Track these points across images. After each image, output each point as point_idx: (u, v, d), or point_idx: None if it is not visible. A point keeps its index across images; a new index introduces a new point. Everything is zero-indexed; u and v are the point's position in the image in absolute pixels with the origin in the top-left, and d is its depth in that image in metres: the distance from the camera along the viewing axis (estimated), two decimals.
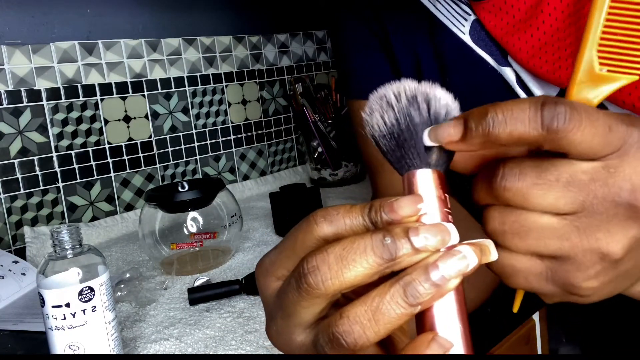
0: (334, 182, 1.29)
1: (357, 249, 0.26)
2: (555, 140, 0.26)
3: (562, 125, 0.25)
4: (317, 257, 0.27)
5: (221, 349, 0.57)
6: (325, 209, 0.28)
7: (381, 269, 0.26)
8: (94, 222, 1.06)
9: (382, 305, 0.26)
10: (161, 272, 0.82)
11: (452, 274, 0.26)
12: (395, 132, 0.29)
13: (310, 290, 0.27)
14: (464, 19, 0.53)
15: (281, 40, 1.43)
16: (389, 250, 0.26)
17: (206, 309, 0.67)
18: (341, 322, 0.26)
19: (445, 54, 0.56)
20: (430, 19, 0.56)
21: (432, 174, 0.29)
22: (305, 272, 0.27)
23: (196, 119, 1.25)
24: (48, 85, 1.02)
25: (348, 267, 0.26)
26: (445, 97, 0.29)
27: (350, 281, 0.26)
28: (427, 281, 0.25)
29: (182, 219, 0.81)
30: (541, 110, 0.25)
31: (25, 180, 0.99)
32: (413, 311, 0.26)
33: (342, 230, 0.28)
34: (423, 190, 0.28)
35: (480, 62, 0.53)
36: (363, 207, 0.28)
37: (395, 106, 0.29)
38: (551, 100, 0.26)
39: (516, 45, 0.49)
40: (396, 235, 0.26)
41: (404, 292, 0.26)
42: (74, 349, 0.50)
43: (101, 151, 1.10)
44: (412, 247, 0.26)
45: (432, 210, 0.28)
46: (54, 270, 0.51)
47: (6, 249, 0.96)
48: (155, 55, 1.18)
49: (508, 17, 0.49)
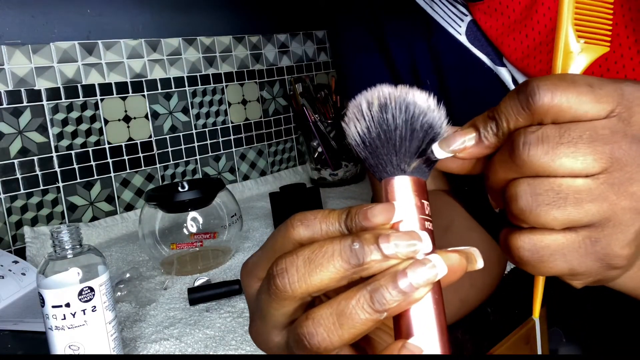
0: (334, 182, 1.29)
1: (325, 252, 0.26)
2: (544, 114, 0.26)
3: (538, 99, 0.26)
4: (287, 259, 0.27)
5: (221, 349, 0.57)
6: (303, 213, 0.29)
7: (348, 274, 0.26)
8: (94, 222, 1.06)
9: (347, 309, 0.26)
10: (161, 272, 0.82)
11: (421, 282, 0.26)
12: (367, 140, 0.29)
13: (278, 293, 0.27)
14: (460, 19, 0.53)
15: (281, 40, 1.43)
16: (356, 256, 0.26)
17: (206, 309, 0.67)
18: (306, 324, 0.26)
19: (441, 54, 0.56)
20: (426, 20, 0.56)
21: (408, 181, 0.28)
22: (273, 274, 0.27)
23: (196, 119, 1.25)
24: (48, 85, 1.02)
25: (315, 270, 0.26)
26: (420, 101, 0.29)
27: (317, 285, 0.26)
28: (394, 288, 0.25)
29: (182, 219, 0.81)
30: (517, 96, 0.27)
31: (25, 180, 0.99)
32: (378, 317, 0.26)
33: (318, 235, 0.28)
34: (399, 198, 0.28)
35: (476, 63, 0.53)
36: (340, 213, 0.28)
37: (366, 115, 0.29)
38: (524, 82, 0.27)
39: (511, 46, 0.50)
40: (365, 241, 0.26)
41: (371, 297, 0.25)
42: (74, 349, 0.50)
43: (101, 151, 1.10)
44: (381, 253, 0.26)
45: (408, 217, 0.28)
46: (54, 270, 0.51)
47: (6, 249, 0.96)
48: (155, 55, 1.18)
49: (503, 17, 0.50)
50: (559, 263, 0.28)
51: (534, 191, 0.27)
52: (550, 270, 0.28)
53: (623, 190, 0.26)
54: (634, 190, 0.26)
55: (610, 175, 0.26)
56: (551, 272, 0.29)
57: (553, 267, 0.28)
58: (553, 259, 0.28)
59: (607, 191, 0.26)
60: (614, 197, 0.26)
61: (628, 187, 0.26)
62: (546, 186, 0.27)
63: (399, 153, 0.28)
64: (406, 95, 0.29)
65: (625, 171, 0.26)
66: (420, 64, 0.58)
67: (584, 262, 0.28)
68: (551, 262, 0.28)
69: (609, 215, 0.27)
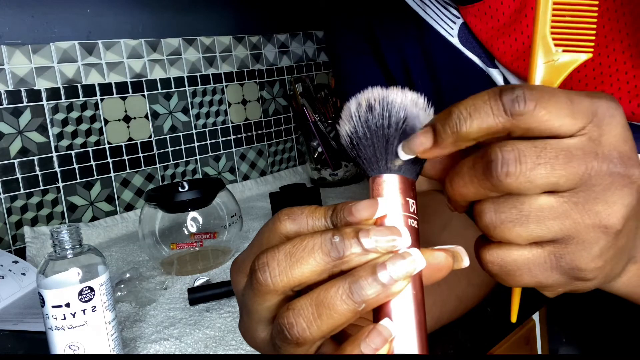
0: (334, 182, 1.29)
1: (306, 246, 0.27)
2: (522, 123, 0.26)
3: (522, 107, 0.26)
4: (268, 254, 0.27)
5: (221, 349, 0.57)
6: (290, 208, 0.29)
7: (329, 267, 0.27)
8: (94, 222, 1.06)
9: (326, 299, 0.26)
10: (161, 272, 0.82)
11: (400, 275, 0.26)
12: (354, 139, 0.30)
13: (259, 287, 0.28)
14: (453, 22, 0.54)
15: (281, 40, 1.43)
16: (336, 249, 0.26)
17: (206, 309, 0.67)
18: (286, 314, 0.27)
19: (434, 56, 0.56)
20: (419, 23, 0.56)
21: (393, 178, 0.29)
22: (255, 268, 0.28)
23: (196, 119, 1.25)
24: (48, 85, 1.02)
25: (296, 263, 0.27)
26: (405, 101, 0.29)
27: (298, 278, 0.27)
28: (373, 280, 0.26)
29: (182, 219, 0.81)
30: (500, 98, 0.26)
31: (25, 180, 0.99)
32: (357, 309, 0.26)
33: (304, 229, 0.28)
34: (384, 194, 0.29)
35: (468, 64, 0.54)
36: (327, 209, 0.29)
37: (354, 116, 0.30)
38: (508, 86, 0.26)
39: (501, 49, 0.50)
40: (345, 235, 0.27)
41: (350, 288, 0.26)
42: (74, 349, 0.50)
43: (101, 151, 1.10)
44: (361, 247, 0.26)
45: (391, 213, 0.28)
46: (54, 270, 0.51)
47: (6, 249, 0.96)
48: (155, 55, 1.18)
49: (493, 21, 0.50)
50: (525, 277, 0.28)
51: (497, 208, 0.27)
52: (518, 283, 0.29)
53: (588, 208, 0.27)
54: (599, 209, 0.27)
55: (576, 194, 0.27)
56: (519, 285, 0.29)
57: (520, 280, 0.29)
58: (520, 272, 0.28)
59: (571, 210, 0.27)
60: (578, 215, 0.27)
61: (593, 206, 0.27)
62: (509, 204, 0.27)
63: (384, 152, 0.29)
64: (393, 96, 0.29)
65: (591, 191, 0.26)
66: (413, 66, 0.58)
67: (550, 276, 0.28)
68: (518, 276, 0.28)
69: (571, 232, 0.27)
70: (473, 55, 0.53)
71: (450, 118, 0.27)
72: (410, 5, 0.57)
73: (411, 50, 0.58)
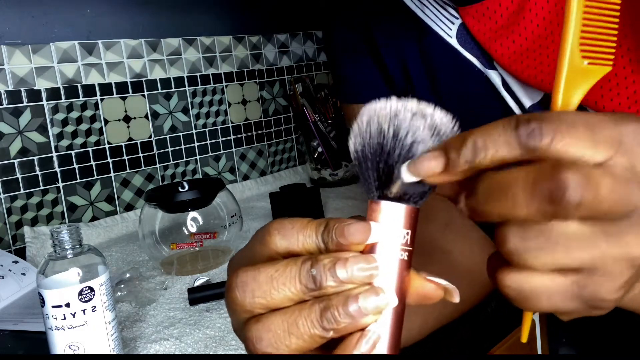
0: (334, 182, 1.29)
1: (289, 273, 0.27)
2: (538, 156, 0.25)
3: (538, 142, 0.24)
4: (249, 273, 0.28)
5: (221, 349, 0.57)
6: (280, 222, 0.29)
7: (306, 297, 0.27)
8: (94, 222, 1.06)
9: (297, 321, 0.27)
10: (161, 272, 0.82)
11: (369, 309, 0.26)
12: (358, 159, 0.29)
13: (235, 306, 0.28)
14: (451, 22, 0.53)
15: (281, 40, 1.43)
16: (313, 281, 0.27)
17: (206, 309, 0.67)
18: (255, 327, 0.28)
19: (432, 57, 0.56)
20: (417, 23, 0.56)
21: (391, 207, 0.28)
22: (233, 285, 0.28)
23: (196, 119, 1.25)
24: (48, 85, 1.02)
25: (277, 289, 0.27)
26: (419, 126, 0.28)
27: (276, 302, 0.27)
28: (344, 311, 0.26)
29: (182, 219, 0.81)
30: (515, 131, 0.25)
31: (25, 180, 0.99)
32: (325, 335, 0.27)
33: (294, 246, 0.29)
34: (381, 221, 0.28)
35: (467, 65, 0.53)
36: (319, 224, 0.28)
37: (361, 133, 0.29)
38: (523, 118, 0.25)
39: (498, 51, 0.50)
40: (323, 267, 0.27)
41: (321, 314, 0.26)
42: (74, 349, 0.50)
43: (101, 151, 1.10)
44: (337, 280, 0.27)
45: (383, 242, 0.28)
46: (54, 270, 0.51)
47: (6, 249, 0.96)
48: (155, 55, 1.18)
49: (491, 22, 0.50)
50: (544, 303, 0.27)
51: (523, 235, 0.26)
52: (535, 308, 0.28)
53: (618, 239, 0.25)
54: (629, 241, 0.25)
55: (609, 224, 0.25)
56: (536, 310, 0.28)
57: (537, 306, 0.28)
58: (538, 299, 0.27)
59: (600, 239, 0.25)
60: (606, 245, 0.25)
61: (624, 237, 0.25)
62: (537, 230, 0.25)
63: (385, 177, 0.28)
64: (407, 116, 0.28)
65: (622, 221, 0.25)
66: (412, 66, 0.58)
67: (569, 304, 0.27)
68: (536, 302, 0.27)
69: (599, 263, 0.26)
70: (471, 56, 0.53)
71: (464, 146, 0.26)
72: (408, 6, 0.57)
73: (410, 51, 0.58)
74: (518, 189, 0.25)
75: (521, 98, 0.49)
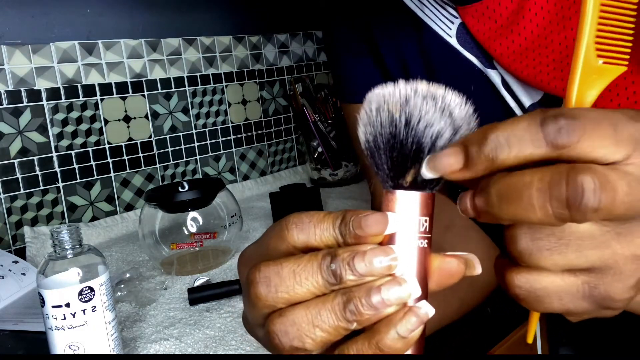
0: (334, 182, 1.29)
1: (311, 268, 0.27)
2: (563, 154, 0.24)
3: (567, 139, 0.24)
4: (271, 268, 0.28)
5: (221, 349, 0.57)
6: (298, 215, 0.29)
7: (328, 291, 0.27)
8: (94, 222, 1.06)
9: (320, 313, 0.27)
10: (161, 272, 0.82)
11: (392, 300, 0.26)
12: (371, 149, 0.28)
13: (258, 300, 0.28)
14: (451, 22, 0.53)
15: (281, 40, 1.43)
16: (333, 276, 0.27)
17: (206, 309, 0.67)
18: (279, 321, 0.27)
19: (432, 56, 0.56)
20: (417, 23, 0.56)
21: (407, 196, 0.28)
22: (256, 280, 0.28)
23: (196, 119, 1.25)
24: (48, 85, 1.02)
25: (300, 283, 0.27)
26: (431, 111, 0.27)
27: (299, 296, 0.27)
28: (367, 302, 0.26)
29: (182, 219, 0.81)
30: (542, 127, 0.24)
31: (25, 180, 0.99)
32: (349, 326, 0.27)
33: (312, 239, 0.28)
34: (398, 211, 0.28)
35: (466, 64, 0.53)
36: (335, 217, 0.28)
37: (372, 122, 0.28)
38: (550, 114, 0.24)
39: (498, 50, 0.50)
40: (342, 261, 0.27)
41: (344, 306, 0.26)
42: (74, 349, 0.50)
43: (101, 151, 1.10)
44: (357, 274, 0.27)
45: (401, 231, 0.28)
46: (54, 270, 0.51)
47: (6, 249, 0.96)
48: (155, 55, 1.18)
49: (490, 22, 0.50)
50: (555, 304, 0.27)
51: (534, 235, 0.26)
52: (545, 309, 0.28)
53: (630, 239, 0.25)
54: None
55: (621, 224, 0.25)
56: (546, 311, 0.28)
57: (548, 307, 0.28)
58: (549, 300, 0.27)
59: (612, 239, 0.25)
60: (618, 245, 0.25)
61: (636, 237, 0.25)
62: (547, 230, 0.25)
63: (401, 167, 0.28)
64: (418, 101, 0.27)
65: (634, 221, 0.25)
66: (412, 66, 0.58)
67: (580, 305, 0.27)
68: (547, 303, 0.27)
69: (610, 263, 0.26)
70: (471, 55, 0.53)
71: (486, 143, 0.25)
72: (408, 6, 0.57)
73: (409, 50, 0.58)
74: (533, 192, 0.24)
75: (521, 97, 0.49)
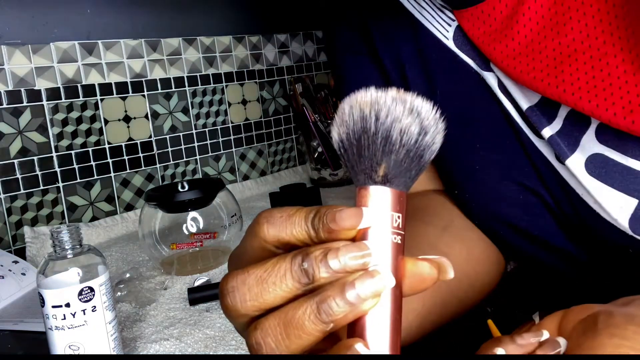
0: (334, 182, 1.29)
1: (277, 271, 0.27)
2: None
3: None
4: (238, 277, 0.27)
5: (221, 349, 0.58)
6: (270, 211, 0.29)
7: (300, 292, 0.27)
8: (94, 222, 1.06)
9: (294, 319, 0.26)
10: (161, 272, 0.82)
11: (368, 294, 0.26)
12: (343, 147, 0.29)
13: (228, 311, 0.28)
14: (448, 24, 0.54)
15: (281, 40, 1.43)
16: (306, 275, 0.26)
17: (206, 309, 0.67)
18: (254, 334, 0.27)
19: (429, 58, 0.56)
20: (414, 25, 0.56)
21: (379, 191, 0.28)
22: (224, 292, 0.28)
23: (196, 119, 1.25)
24: (48, 85, 1.02)
25: (268, 289, 0.27)
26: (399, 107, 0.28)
27: (269, 302, 0.27)
28: (342, 299, 0.26)
29: (182, 219, 0.81)
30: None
31: (25, 180, 0.99)
32: (325, 328, 0.26)
33: (283, 234, 0.28)
34: (371, 206, 0.28)
35: (463, 67, 0.54)
36: (309, 212, 0.28)
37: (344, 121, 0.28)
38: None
39: (493, 54, 0.50)
40: (315, 259, 0.26)
41: (318, 308, 0.26)
42: (74, 349, 0.50)
43: (101, 151, 1.10)
44: (330, 271, 0.26)
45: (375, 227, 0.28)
46: (54, 270, 0.51)
47: (6, 249, 0.96)
48: (155, 55, 1.18)
49: (485, 26, 0.50)
50: None
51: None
52: None
53: None
54: None
55: None
56: None
57: None
58: None
59: None
60: None
61: None
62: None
63: (371, 162, 0.28)
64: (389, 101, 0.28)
65: None
66: (409, 67, 0.58)
67: None
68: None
69: None
70: (468, 58, 0.53)
71: None
72: (406, 8, 0.57)
73: (407, 51, 0.58)
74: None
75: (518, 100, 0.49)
